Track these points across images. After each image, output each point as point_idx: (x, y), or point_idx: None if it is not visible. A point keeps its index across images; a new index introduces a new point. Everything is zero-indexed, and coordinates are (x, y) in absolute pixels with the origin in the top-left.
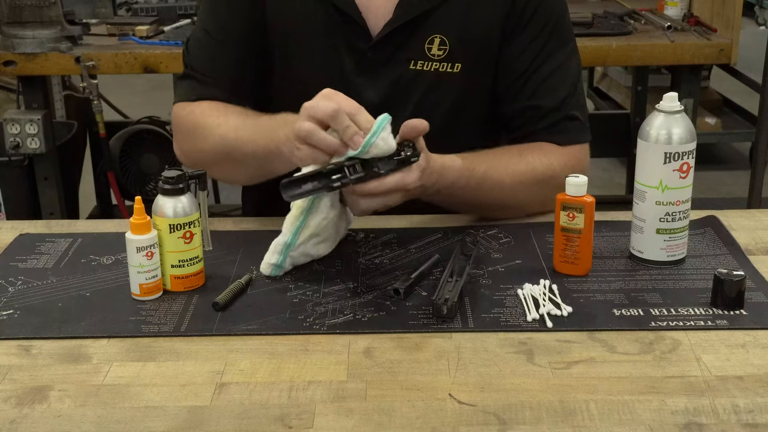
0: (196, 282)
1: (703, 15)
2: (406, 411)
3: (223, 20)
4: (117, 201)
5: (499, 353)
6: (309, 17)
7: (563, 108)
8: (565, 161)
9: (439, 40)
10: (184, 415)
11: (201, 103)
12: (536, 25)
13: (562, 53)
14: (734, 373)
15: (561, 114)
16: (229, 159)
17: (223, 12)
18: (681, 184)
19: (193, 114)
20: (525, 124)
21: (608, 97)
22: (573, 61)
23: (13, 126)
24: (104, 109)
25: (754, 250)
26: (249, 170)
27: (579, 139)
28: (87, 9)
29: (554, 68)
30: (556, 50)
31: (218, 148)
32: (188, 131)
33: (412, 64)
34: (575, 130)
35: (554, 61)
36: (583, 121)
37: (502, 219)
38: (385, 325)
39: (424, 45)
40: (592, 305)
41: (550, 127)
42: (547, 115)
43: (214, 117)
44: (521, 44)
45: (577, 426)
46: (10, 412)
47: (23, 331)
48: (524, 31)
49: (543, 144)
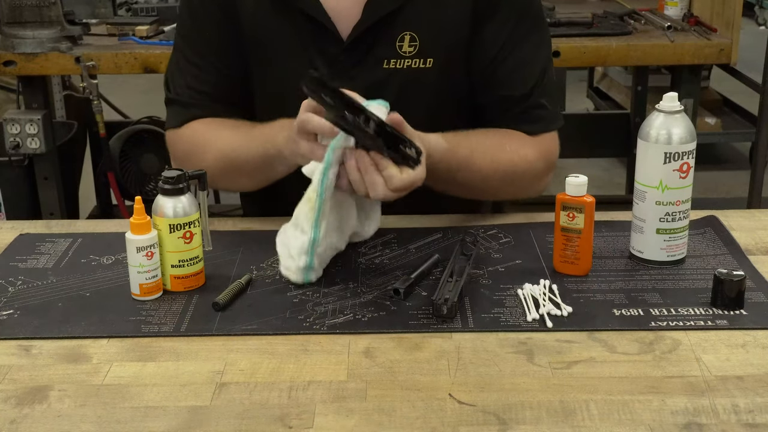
0: (196, 282)
1: (703, 15)
2: (406, 411)
3: (196, 40)
4: (117, 201)
5: (499, 353)
6: (280, 26)
7: (531, 97)
8: (538, 151)
9: (409, 36)
10: (184, 415)
11: (192, 124)
12: (504, 12)
13: (531, 41)
14: (734, 373)
15: (529, 102)
16: (229, 171)
17: (196, 33)
18: (681, 184)
19: (184, 138)
20: (495, 113)
21: (608, 97)
22: (542, 48)
23: (13, 126)
24: (104, 109)
25: (754, 250)
26: (251, 178)
27: (549, 127)
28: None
29: (523, 56)
30: (524, 37)
31: (218, 163)
32: (185, 154)
33: (385, 63)
34: (545, 118)
35: (523, 48)
36: (551, 108)
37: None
38: (385, 325)
39: (394, 43)
40: (592, 305)
41: (519, 116)
42: (516, 104)
43: (207, 134)
44: (490, 31)
45: (577, 426)
46: (10, 412)
47: (23, 331)
48: (492, 18)
49: (516, 133)
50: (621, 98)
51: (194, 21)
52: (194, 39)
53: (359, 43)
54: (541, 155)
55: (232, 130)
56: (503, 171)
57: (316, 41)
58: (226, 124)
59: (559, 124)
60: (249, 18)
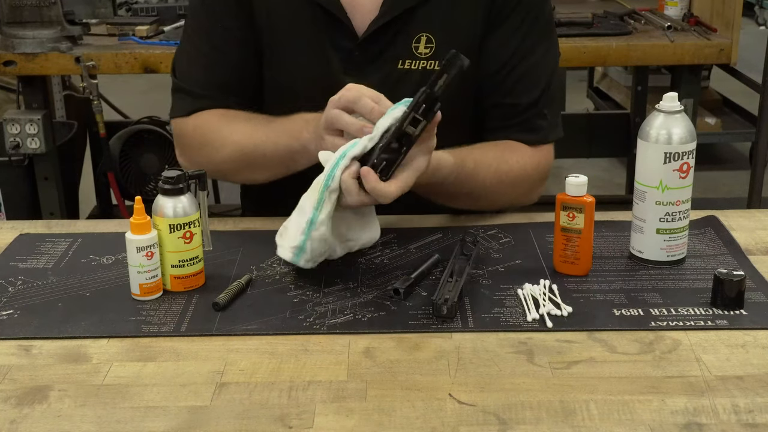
0: (196, 282)
1: (703, 15)
2: (406, 411)
3: (208, 30)
4: (117, 201)
5: (499, 353)
6: (295, 17)
7: (535, 106)
8: (536, 162)
9: (426, 38)
10: (184, 415)
11: (202, 114)
12: (516, 18)
13: (541, 48)
14: (734, 373)
15: (532, 111)
16: (248, 165)
17: (208, 23)
18: (681, 184)
19: (194, 128)
20: (498, 119)
21: (608, 97)
22: (550, 57)
23: (13, 126)
24: (104, 109)
25: (754, 250)
26: (269, 171)
27: (547, 138)
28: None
29: (531, 64)
30: (534, 45)
31: (234, 156)
32: (199, 145)
33: (400, 63)
34: (545, 128)
35: (532, 56)
36: (552, 119)
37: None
38: (385, 325)
39: (411, 43)
40: (592, 305)
41: (521, 124)
42: (521, 113)
43: (223, 127)
44: (501, 37)
45: (577, 426)
46: (10, 412)
47: (23, 331)
48: (504, 23)
49: (515, 144)
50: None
51: (207, 10)
52: (207, 28)
53: (375, 40)
54: (537, 167)
55: (248, 123)
56: (504, 183)
57: (331, 35)
58: (240, 117)
59: (557, 136)
60: (263, 9)
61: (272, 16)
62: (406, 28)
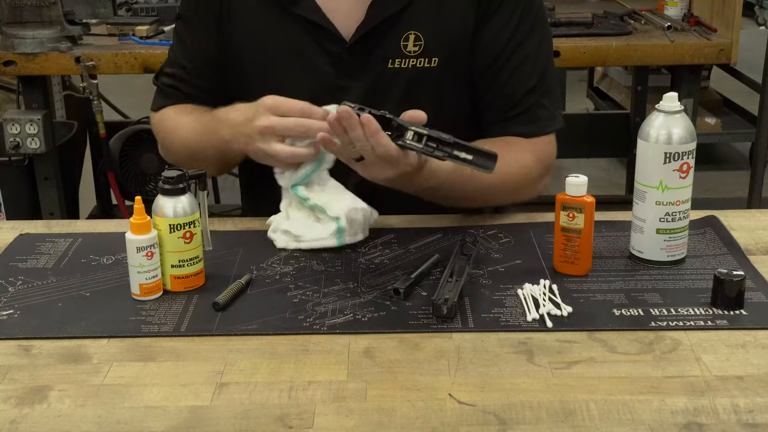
0: (196, 282)
1: (703, 15)
2: (406, 411)
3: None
4: (117, 201)
5: (499, 353)
6: (278, 31)
7: (532, 96)
8: (536, 156)
9: (414, 36)
10: (184, 415)
11: (164, 111)
12: (507, 10)
13: (534, 37)
14: (734, 373)
15: (529, 102)
16: (194, 159)
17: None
18: (681, 184)
19: (159, 123)
20: (495, 112)
21: (608, 97)
22: (544, 45)
23: (13, 126)
24: (104, 109)
25: (754, 250)
26: (215, 165)
27: (547, 129)
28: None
29: (525, 55)
30: (527, 34)
31: (182, 151)
32: (161, 139)
33: (390, 62)
34: (543, 119)
35: (525, 47)
36: (552, 109)
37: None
38: (385, 325)
39: (399, 42)
40: (592, 305)
41: (518, 116)
42: (517, 104)
43: (174, 122)
44: (493, 29)
45: (577, 426)
46: (10, 412)
47: (23, 331)
48: (495, 15)
49: (514, 140)
50: (621, 98)
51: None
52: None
53: (363, 43)
54: (537, 160)
55: (190, 117)
56: (504, 181)
57: (318, 43)
58: (187, 111)
59: (557, 126)
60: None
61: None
62: (394, 28)
